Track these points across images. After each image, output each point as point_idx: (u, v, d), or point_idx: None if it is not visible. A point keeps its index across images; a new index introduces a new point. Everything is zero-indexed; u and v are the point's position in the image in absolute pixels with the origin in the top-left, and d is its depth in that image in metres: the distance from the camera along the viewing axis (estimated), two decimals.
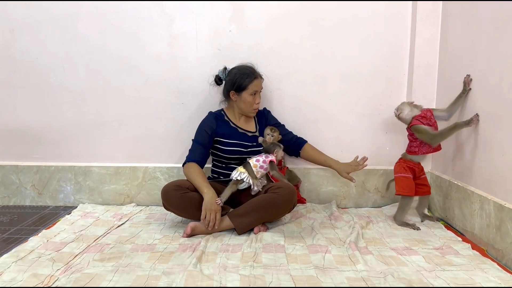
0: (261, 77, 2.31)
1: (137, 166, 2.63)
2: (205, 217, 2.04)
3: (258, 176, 2.13)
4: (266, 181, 2.24)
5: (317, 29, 2.51)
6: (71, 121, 2.61)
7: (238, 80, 2.25)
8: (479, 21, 2.02)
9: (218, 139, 2.29)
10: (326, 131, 2.58)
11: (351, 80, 2.55)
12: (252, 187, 2.12)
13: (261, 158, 2.13)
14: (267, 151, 2.17)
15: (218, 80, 2.37)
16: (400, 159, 2.29)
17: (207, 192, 2.08)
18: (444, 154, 2.36)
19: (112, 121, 2.61)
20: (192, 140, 2.32)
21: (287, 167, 2.53)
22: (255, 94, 2.27)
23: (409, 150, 2.24)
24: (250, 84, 2.24)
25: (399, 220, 2.23)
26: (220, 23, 2.51)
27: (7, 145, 2.65)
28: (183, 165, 2.27)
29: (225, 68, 2.35)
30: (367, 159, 2.25)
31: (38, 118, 2.62)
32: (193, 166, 2.22)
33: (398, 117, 2.24)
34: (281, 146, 2.21)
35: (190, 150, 2.30)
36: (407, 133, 2.25)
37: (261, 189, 2.17)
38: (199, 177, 2.16)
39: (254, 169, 2.11)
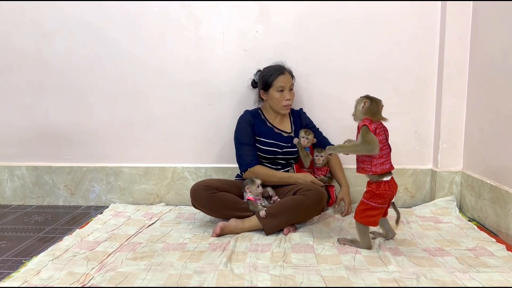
0: (290, 73, 2.31)
1: (166, 166, 2.66)
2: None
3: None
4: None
5: (344, 27, 2.49)
6: (101, 123, 2.67)
7: (264, 78, 2.28)
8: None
9: (257, 138, 2.30)
10: (354, 130, 2.56)
11: (379, 78, 2.52)
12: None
13: None
14: None
15: (253, 83, 2.41)
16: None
17: (297, 174, 2.22)
18: (476, 153, 2.31)
19: (141, 122, 2.65)
20: (237, 143, 2.30)
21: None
22: (282, 90, 2.27)
23: None
24: (274, 81, 2.25)
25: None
26: (246, 24, 2.52)
27: (41, 147, 2.73)
28: (242, 173, 2.28)
29: (258, 71, 2.37)
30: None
31: (69, 120, 2.68)
32: (260, 168, 2.25)
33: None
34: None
35: (241, 155, 2.27)
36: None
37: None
38: (275, 172, 2.27)
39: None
